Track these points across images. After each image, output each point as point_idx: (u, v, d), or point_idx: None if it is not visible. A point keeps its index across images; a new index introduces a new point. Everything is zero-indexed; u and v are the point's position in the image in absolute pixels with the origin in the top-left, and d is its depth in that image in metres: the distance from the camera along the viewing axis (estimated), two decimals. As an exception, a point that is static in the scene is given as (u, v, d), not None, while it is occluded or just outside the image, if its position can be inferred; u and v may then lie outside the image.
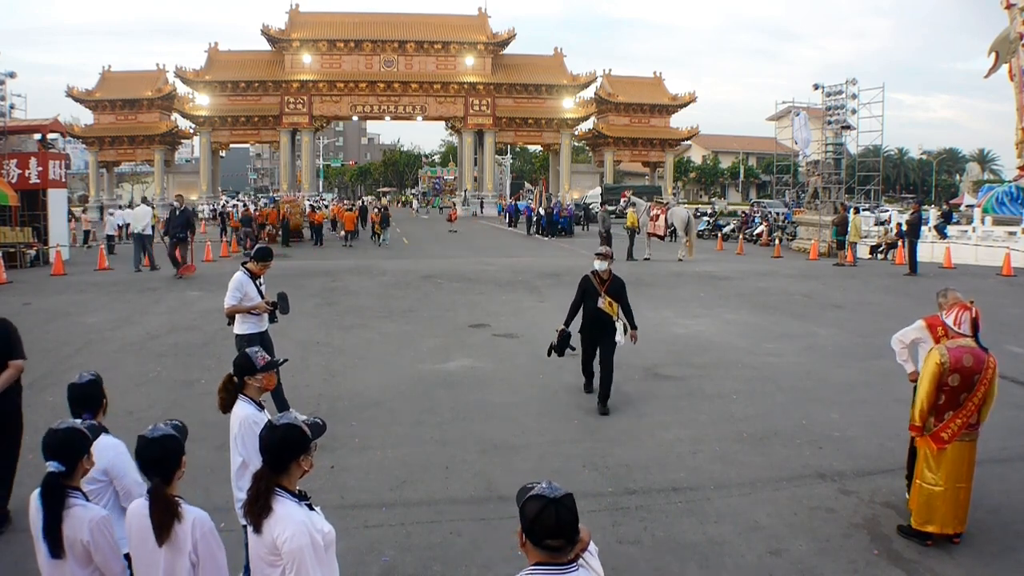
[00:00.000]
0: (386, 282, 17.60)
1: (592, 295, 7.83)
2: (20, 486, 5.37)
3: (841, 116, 27.95)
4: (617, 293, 7.85)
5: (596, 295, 7.79)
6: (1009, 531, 5.32)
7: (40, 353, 10.19)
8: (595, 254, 8.01)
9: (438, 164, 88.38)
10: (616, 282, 7.92)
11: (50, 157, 22.77)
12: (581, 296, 7.98)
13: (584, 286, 7.96)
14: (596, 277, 7.89)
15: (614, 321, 7.81)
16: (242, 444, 3.84)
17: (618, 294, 7.85)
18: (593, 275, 7.92)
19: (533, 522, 2.15)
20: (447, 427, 7.44)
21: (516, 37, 57.15)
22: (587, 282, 7.94)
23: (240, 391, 3.92)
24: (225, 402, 3.90)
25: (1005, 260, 20.55)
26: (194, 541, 2.73)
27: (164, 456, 2.75)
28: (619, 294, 7.86)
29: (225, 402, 3.90)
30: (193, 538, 2.73)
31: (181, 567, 2.73)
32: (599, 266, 7.86)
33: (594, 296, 7.80)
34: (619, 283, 7.95)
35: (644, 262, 22.78)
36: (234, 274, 7.07)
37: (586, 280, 7.96)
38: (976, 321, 5.03)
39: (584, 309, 7.96)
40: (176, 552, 2.73)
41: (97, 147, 54.82)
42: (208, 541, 2.77)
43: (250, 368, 3.92)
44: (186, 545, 2.73)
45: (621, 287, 7.93)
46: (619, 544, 5.08)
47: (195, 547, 2.74)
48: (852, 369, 9.81)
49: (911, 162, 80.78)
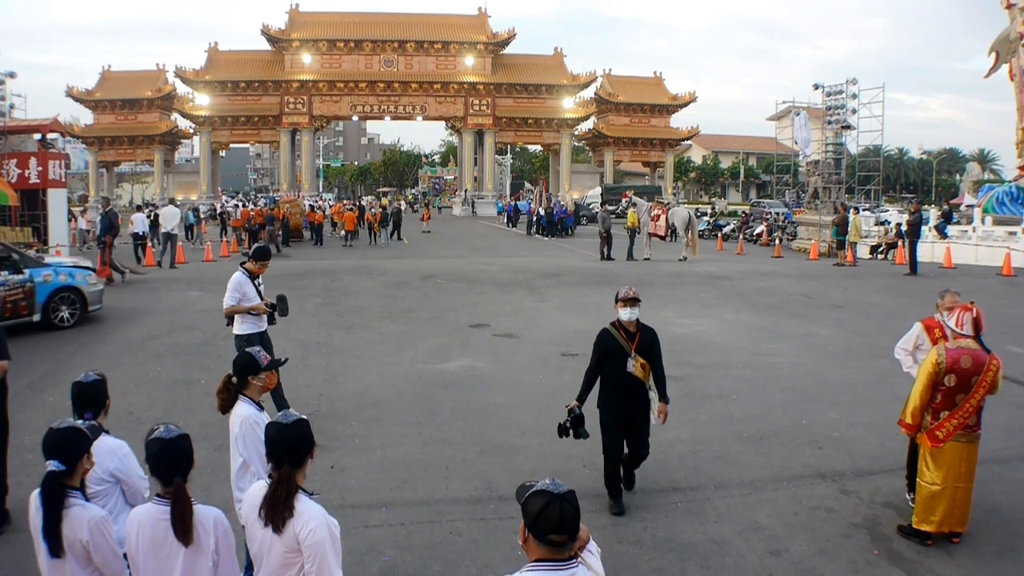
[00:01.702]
0: (386, 282, 17.60)
1: (616, 356, 5.59)
2: (20, 486, 5.37)
3: (841, 116, 27.99)
4: (650, 351, 5.66)
5: (623, 355, 5.57)
6: (1009, 531, 5.32)
7: (40, 353, 10.20)
8: (618, 299, 5.66)
9: (438, 164, 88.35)
10: (647, 336, 5.69)
11: (50, 157, 22.76)
12: (600, 359, 5.67)
13: (604, 345, 5.67)
14: (620, 331, 5.65)
15: (648, 389, 5.70)
16: (243, 444, 3.81)
17: (651, 352, 5.66)
18: (615, 328, 5.68)
19: (537, 517, 2.17)
20: (447, 427, 7.44)
21: (516, 37, 57.22)
22: (607, 339, 5.67)
23: (240, 391, 3.91)
24: (225, 403, 3.88)
25: (1005, 260, 20.55)
26: (216, 539, 2.76)
27: (182, 456, 2.78)
28: (652, 352, 5.67)
29: (225, 403, 3.88)
30: (215, 536, 2.76)
31: (203, 567, 2.73)
32: (625, 315, 5.62)
33: (620, 357, 5.57)
34: (651, 336, 5.71)
35: (644, 262, 22.80)
36: (232, 274, 7.08)
37: (605, 336, 5.69)
38: (978, 322, 5.03)
39: (605, 377, 5.67)
40: (197, 553, 2.73)
41: (97, 147, 54.87)
42: (228, 538, 2.81)
43: (253, 367, 3.91)
44: (208, 544, 2.74)
45: (654, 342, 5.71)
46: (619, 544, 5.08)
47: (217, 546, 2.76)
48: (852, 369, 9.81)
49: (911, 162, 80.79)
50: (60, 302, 12.13)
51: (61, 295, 12.15)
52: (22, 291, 11.61)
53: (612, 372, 5.60)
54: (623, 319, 5.64)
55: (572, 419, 5.49)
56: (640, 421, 5.69)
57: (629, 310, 5.61)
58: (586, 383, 5.74)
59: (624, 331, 5.65)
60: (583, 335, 11.76)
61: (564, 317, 13.31)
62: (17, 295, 11.51)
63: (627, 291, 5.62)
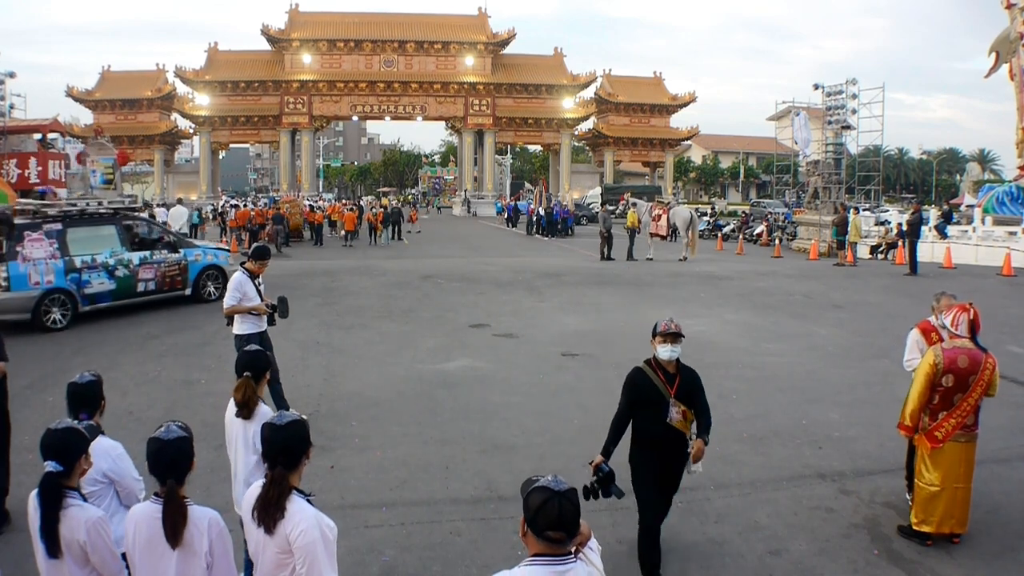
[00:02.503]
0: (386, 282, 17.60)
1: (654, 403, 4.51)
2: (20, 486, 5.37)
3: (841, 116, 27.98)
4: (691, 395, 4.57)
5: (662, 402, 4.49)
6: (1009, 531, 5.32)
7: (40, 353, 10.20)
8: (656, 332, 4.55)
9: (438, 164, 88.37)
10: (688, 377, 4.61)
11: (50, 157, 22.79)
12: (631, 405, 4.60)
13: (638, 388, 4.57)
14: (657, 371, 4.55)
15: (688, 439, 4.61)
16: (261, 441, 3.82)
17: (693, 395, 4.58)
18: (651, 367, 4.58)
19: (536, 512, 2.18)
20: (447, 427, 7.44)
21: (516, 37, 57.25)
22: (642, 382, 4.57)
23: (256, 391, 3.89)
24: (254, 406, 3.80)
25: (1005, 260, 20.55)
26: (210, 541, 2.74)
27: (179, 458, 2.76)
28: (694, 395, 4.59)
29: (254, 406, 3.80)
30: (209, 538, 2.74)
31: (196, 568, 2.72)
32: (665, 353, 4.51)
33: (658, 404, 4.50)
34: (693, 378, 4.63)
35: (646, 262, 22.81)
36: (233, 274, 7.11)
37: (639, 378, 4.59)
38: (974, 322, 5.02)
39: (639, 428, 4.64)
40: (190, 554, 2.72)
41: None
42: (223, 540, 2.79)
43: (266, 363, 3.92)
44: (202, 546, 2.73)
45: (695, 383, 4.63)
46: (619, 544, 5.08)
47: (211, 547, 2.75)
48: (852, 369, 9.81)
49: (911, 162, 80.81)
50: (207, 279, 14.58)
51: (208, 272, 14.63)
52: (178, 268, 14.12)
53: (648, 423, 4.56)
54: (662, 358, 4.53)
55: (600, 478, 4.26)
56: (674, 478, 4.72)
57: (670, 347, 4.49)
58: (614, 433, 4.61)
59: (662, 372, 4.55)
60: (583, 335, 11.77)
61: (564, 317, 13.31)
62: (174, 271, 14.05)
63: (667, 324, 4.51)
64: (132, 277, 13.36)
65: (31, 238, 12.07)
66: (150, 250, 13.83)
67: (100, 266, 12.84)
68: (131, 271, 13.33)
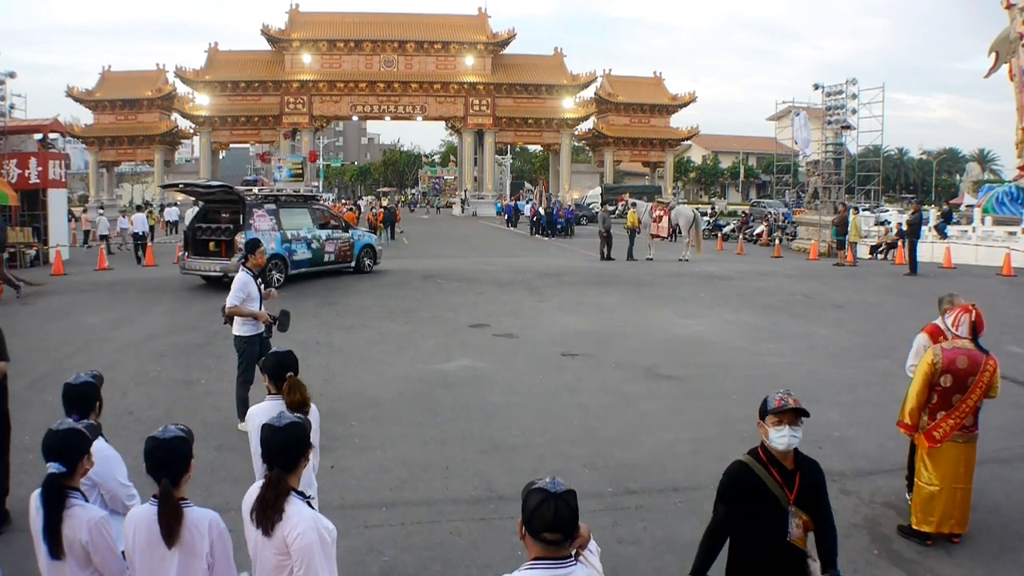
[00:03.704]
0: (386, 282, 17.60)
1: (766, 512, 3.17)
2: (20, 486, 5.37)
3: (841, 116, 27.97)
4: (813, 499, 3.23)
5: (778, 511, 3.16)
6: (1009, 531, 5.32)
7: (40, 353, 10.20)
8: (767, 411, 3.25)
9: (438, 164, 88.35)
10: (810, 471, 3.28)
11: (50, 157, 22.77)
12: (733, 513, 3.26)
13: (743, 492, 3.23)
14: (770, 468, 3.21)
15: (807, 559, 3.24)
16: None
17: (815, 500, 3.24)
18: (761, 463, 3.24)
19: (532, 514, 2.17)
20: (447, 427, 7.44)
21: (516, 37, 57.22)
22: (749, 481, 3.23)
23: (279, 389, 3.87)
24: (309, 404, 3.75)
25: (1005, 260, 20.55)
26: (211, 542, 2.74)
27: (174, 458, 2.74)
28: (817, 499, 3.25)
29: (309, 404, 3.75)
30: (210, 539, 2.74)
31: (196, 570, 2.72)
32: (782, 442, 3.17)
33: (773, 514, 3.16)
34: (815, 472, 3.30)
35: (646, 262, 22.81)
36: (236, 273, 7.14)
37: (745, 476, 3.25)
38: (976, 324, 5.00)
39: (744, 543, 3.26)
40: (191, 555, 2.71)
41: (97, 147, 54.89)
42: (224, 541, 2.78)
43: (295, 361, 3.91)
44: (203, 547, 2.72)
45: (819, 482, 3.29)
46: (619, 544, 5.08)
47: (211, 548, 2.74)
48: (852, 369, 9.81)
49: (911, 162, 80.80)
50: (365, 255, 18.83)
51: (365, 250, 18.90)
52: (348, 244, 18.35)
53: (758, 536, 3.17)
54: (778, 448, 3.18)
55: None
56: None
57: (788, 431, 3.15)
58: (707, 551, 3.36)
59: (777, 469, 3.20)
60: (583, 335, 11.78)
61: (564, 317, 13.32)
62: (346, 247, 18.26)
63: (782, 398, 3.22)
64: (321, 249, 17.31)
65: (258, 214, 15.72)
66: (331, 230, 17.87)
67: (302, 239, 16.77)
68: (320, 244, 17.30)
